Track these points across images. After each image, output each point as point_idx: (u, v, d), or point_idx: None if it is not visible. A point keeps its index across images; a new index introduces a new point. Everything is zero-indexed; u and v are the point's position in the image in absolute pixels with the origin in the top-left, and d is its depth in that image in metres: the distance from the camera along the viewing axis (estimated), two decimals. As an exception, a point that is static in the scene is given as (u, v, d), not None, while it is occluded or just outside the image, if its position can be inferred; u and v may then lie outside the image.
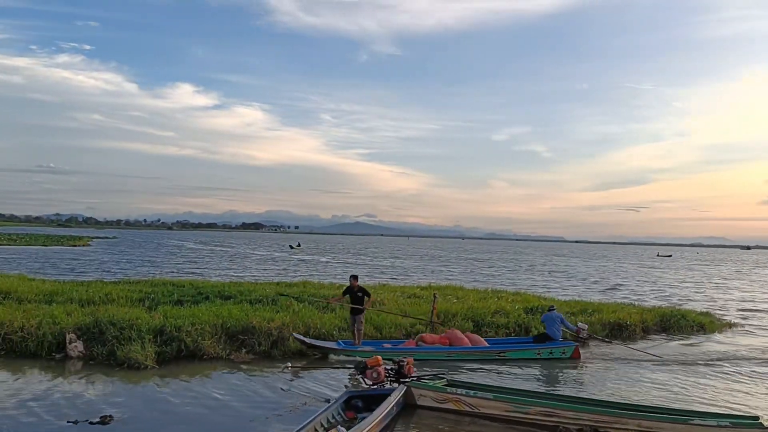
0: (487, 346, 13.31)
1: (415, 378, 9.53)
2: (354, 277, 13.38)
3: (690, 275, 51.99)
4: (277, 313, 13.89)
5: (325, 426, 7.66)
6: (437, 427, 8.36)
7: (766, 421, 7.86)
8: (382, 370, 9.34)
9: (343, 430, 7.00)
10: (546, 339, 13.43)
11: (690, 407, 9.17)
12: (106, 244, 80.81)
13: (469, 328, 14.42)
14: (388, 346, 12.79)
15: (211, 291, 17.29)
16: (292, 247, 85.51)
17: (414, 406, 9.07)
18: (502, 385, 10.01)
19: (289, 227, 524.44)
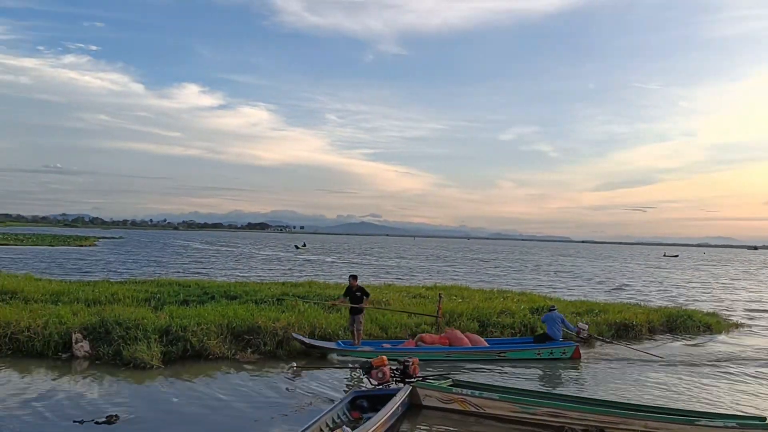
0: (487, 346, 13.27)
1: (421, 378, 9.53)
2: (353, 277, 13.34)
3: (697, 275, 51.73)
4: (282, 313, 13.92)
5: (331, 426, 7.67)
6: (443, 428, 8.35)
7: (773, 422, 7.81)
8: (387, 370, 9.31)
9: (348, 430, 6.99)
10: (546, 339, 13.40)
11: (695, 408, 9.13)
12: (112, 244, 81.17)
13: (474, 328, 14.39)
14: (388, 346, 12.76)
15: (217, 291, 17.37)
16: (297, 247, 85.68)
17: (419, 406, 9.06)
18: (507, 386, 9.99)
19: (294, 227, 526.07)
